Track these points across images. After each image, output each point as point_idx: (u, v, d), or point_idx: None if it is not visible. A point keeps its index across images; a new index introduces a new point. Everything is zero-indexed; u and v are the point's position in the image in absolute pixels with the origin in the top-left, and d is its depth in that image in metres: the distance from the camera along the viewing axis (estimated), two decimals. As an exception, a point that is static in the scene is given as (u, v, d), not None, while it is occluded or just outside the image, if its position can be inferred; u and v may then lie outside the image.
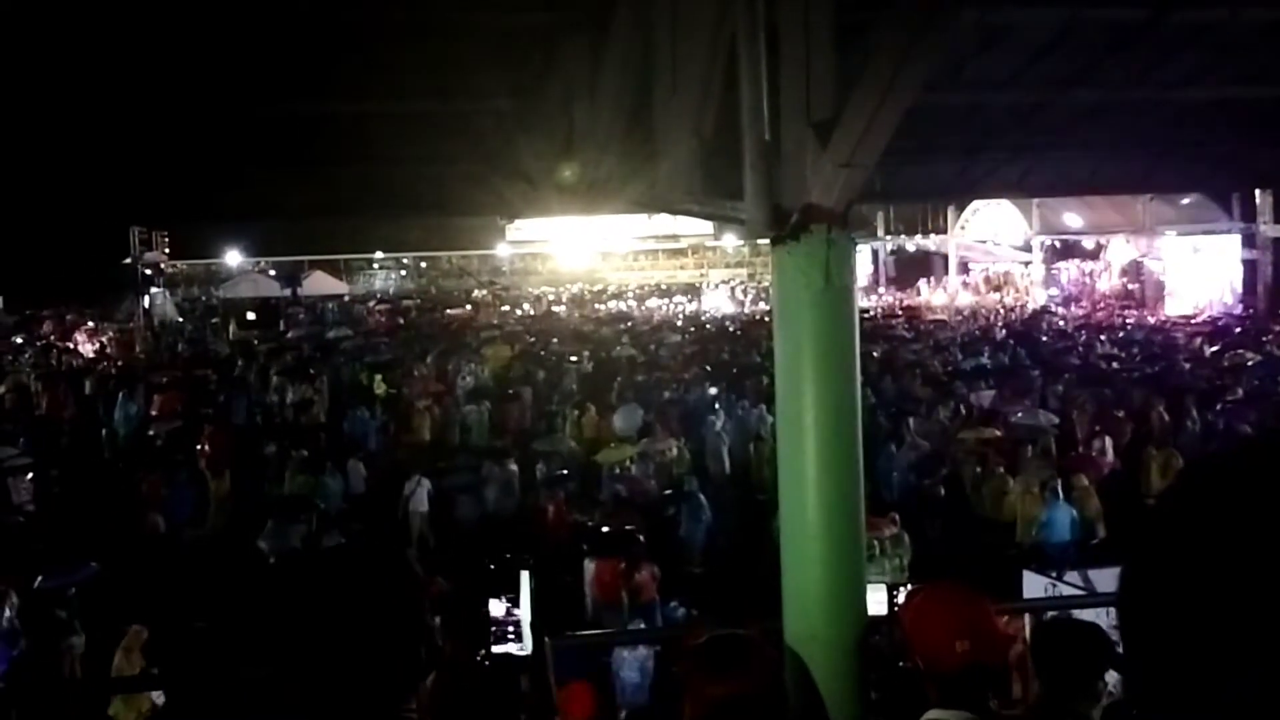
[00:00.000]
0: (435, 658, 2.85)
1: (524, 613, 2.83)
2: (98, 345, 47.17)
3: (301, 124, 9.52)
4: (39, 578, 15.71)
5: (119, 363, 41.10)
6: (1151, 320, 47.43)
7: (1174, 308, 51.14)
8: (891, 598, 4.59)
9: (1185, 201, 48.83)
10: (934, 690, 3.85)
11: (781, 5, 4.76)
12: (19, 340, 47.84)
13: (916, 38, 4.42)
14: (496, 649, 2.85)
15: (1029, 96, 9.83)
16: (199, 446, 24.07)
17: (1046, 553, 18.16)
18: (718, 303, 64.04)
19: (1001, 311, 53.07)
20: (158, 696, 10.85)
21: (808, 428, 4.64)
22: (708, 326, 49.10)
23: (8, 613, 14.79)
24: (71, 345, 47.16)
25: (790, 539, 4.74)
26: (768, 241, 4.86)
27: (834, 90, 4.65)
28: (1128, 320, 47.05)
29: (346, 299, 67.18)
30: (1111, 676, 5.40)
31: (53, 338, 49.54)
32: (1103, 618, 10.18)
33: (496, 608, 2.79)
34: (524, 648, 2.84)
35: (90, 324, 52.28)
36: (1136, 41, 9.21)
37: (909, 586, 4.51)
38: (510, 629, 2.79)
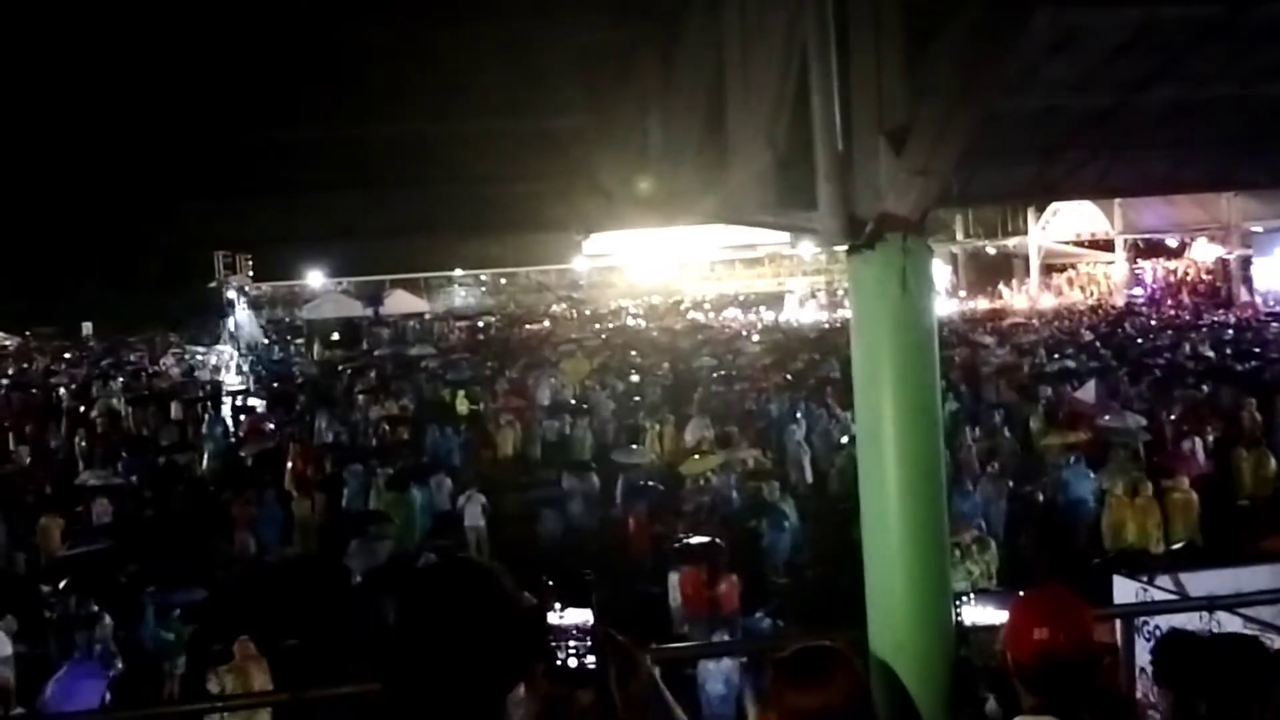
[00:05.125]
0: (525, 674, 2.88)
1: (590, 625, 2.87)
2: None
3: (379, 146, 9.62)
4: (147, 595, 16.04)
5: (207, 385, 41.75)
6: (1236, 318, 46.48)
7: (1263, 303, 50.16)
8: (957, 606, 4.53)
9: (1271, 195, 47.86)
10: (1020, 690, 3.83)
11: (852, 14, 4.75)
12: (109, 364, 48.76)
13: (988, 42, 4.40)
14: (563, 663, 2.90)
15: (1106, 96, 9.70)
16: (287, 466, 24.44)
17: (1064, 510, 20.09)
18: (796, 311, 63.81)
19: (1085, 312, 52.35)
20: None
21: (888, 438, 4.62)
22: (785, 335, 48.93)
23: (102, 635, 15.07)
24: (161, 368, 47.96)
25: (872, 549, 4.72)
26: (845, 249, 4.85)
27: (906, 98, 4.63)
28: (1215, 319, 46.16)
29: (427, 317, 67.74)
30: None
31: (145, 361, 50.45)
32: (1194, 622, 10.03)
33: (567, 619, 2.83)
34: (591, 661, 2.88)
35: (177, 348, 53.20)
36: (1216, 38, 9.06)
37: (971, 595, 4.46)
38: (575, 642, 2.82)
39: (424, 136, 9.45)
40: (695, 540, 17.72)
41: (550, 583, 3.12)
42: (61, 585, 16.63)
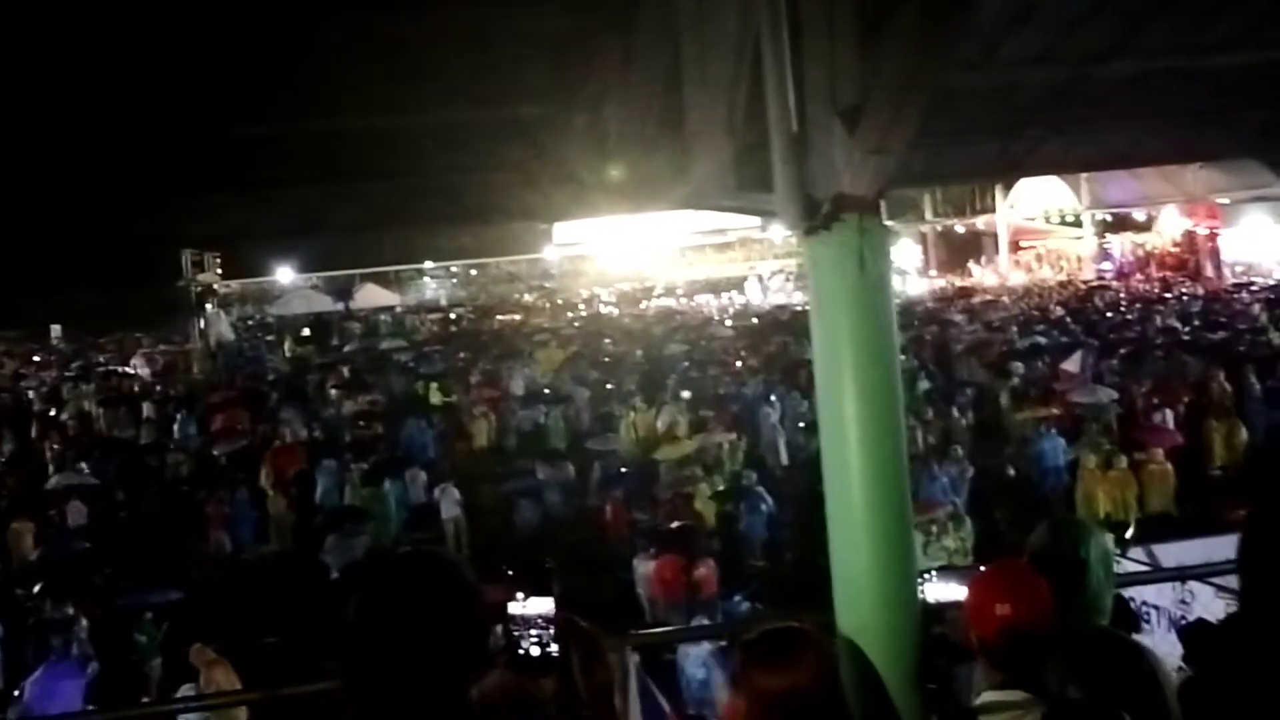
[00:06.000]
0: (487, 665, 2.88)
1: (553, 614, 2.88)
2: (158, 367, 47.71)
3: (344, 139, 9.59)
4: (122, 596, 15.98)
5: (178, 384, 41.57)
6: (1204, 290, 46.73)
7: (1230, 275, 50.46)
8: (921, 584, 4.56)
9: (1237, 166, 48.04)
10: (988, 666, 3.86)
11: (804, -5, 4.75)
12: (79, 365, 48.48)
13: (941, 20, 4.40)
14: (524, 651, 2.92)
15: (1066, 71, 9.72)
16: (260, 464, 24.35)
17: (1038, 483, 20.62)
18: (758, 294, 63.84)
19: (1055, 288, 52.56)
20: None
21: (849, 418, 4.64)
22: (758, 319, 48.98)
23: (80, 636, 15.03)
24: (130, 369, 47.71)
25: (837, 530, 4.74)
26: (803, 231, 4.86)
27: (859, 77, 4.63)
28: (1184, 291, 46.40)
29: (399, 310, 67.52)
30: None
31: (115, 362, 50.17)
32: (1167, 593, 10.10)
33: (529, 608, 2.83)
34: (554, 650, 2.89)
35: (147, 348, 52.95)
36: (1173, 9, 9.11)
37: (933, 572, 4.50)
38: (538, 631, 2.83)
39: (389, 128, 9.42)
40: (671, 526, 17.79)
41: (511, 572, 3.13)
42: (36, 589, 16.58)
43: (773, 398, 26.45)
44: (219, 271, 57.81)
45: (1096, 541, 4.18)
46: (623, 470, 22.18)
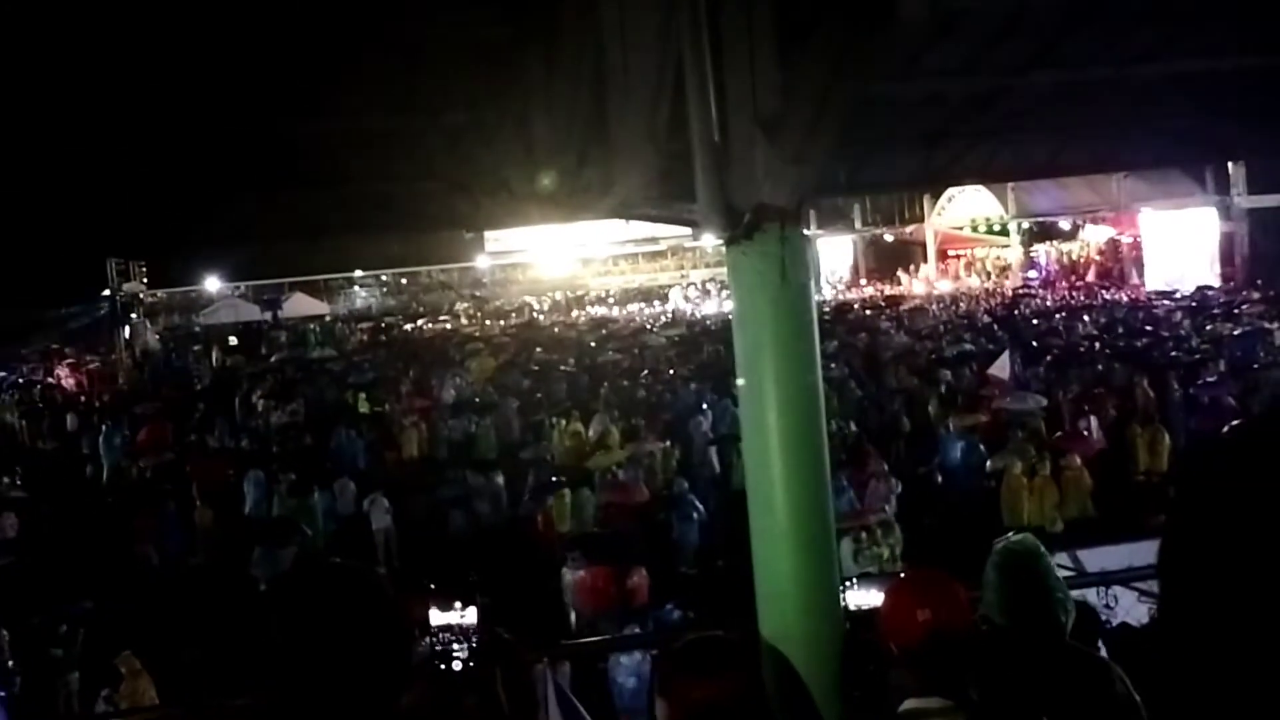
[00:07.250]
0: (408, 680, 2.86)
1: (475, 626, 2.86)
2: (81, 379, 47.02)
3: (273, 147, 9.51)
4: (33, 617, 15.70)
5: (103, 395, 40.97)
6: (1128, 298, 47.44)
7: (1153, 283, 51.24)
8: (843, 591, 4.59)
9: (1159, 176, 48.82)
10: (908, 673, 3.89)
11: (725, 7, 4.77)
12: (0, 377, 47.68)
13: (859, 32, 4.44)
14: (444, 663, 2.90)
15: (988, 82, 9.85)
16: (187, 476, 24.03)
17: (941, 479, 21.17)
18: (699, 303, 63.99)
19: (982, 296, 53.15)
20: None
21: (771, 427, 4.65)
22: (689, 327, 49.03)
23: (3, 650, 14.77)
24: (54, 380, 47.00)
25: (760, 539, 4.76)
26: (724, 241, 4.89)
27: (780, 87, 4.66)
28: (1107, 299, 47.08)
29: (328, 319, 66.98)
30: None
31: (39, 373, 49.39)
32: (1091, 597, 10.24)
33: (450, 621, 2.82)
34: (476, 663, 2.86)
35: (71, 359, 52.16)
36: (1092, 22, 9.24)
37: (854, 580, 4.53)
38: (460, 644, 2.80)
39: (318, 136, 9.35)
40: (603, 535, 17.75)
41: (432, 586, 3.12)
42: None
43: (705, 406, 26.46)
44: (145, 280, 57.03)
45: (1047, 562, 4.25)
46: (555, 479, 22.10)
